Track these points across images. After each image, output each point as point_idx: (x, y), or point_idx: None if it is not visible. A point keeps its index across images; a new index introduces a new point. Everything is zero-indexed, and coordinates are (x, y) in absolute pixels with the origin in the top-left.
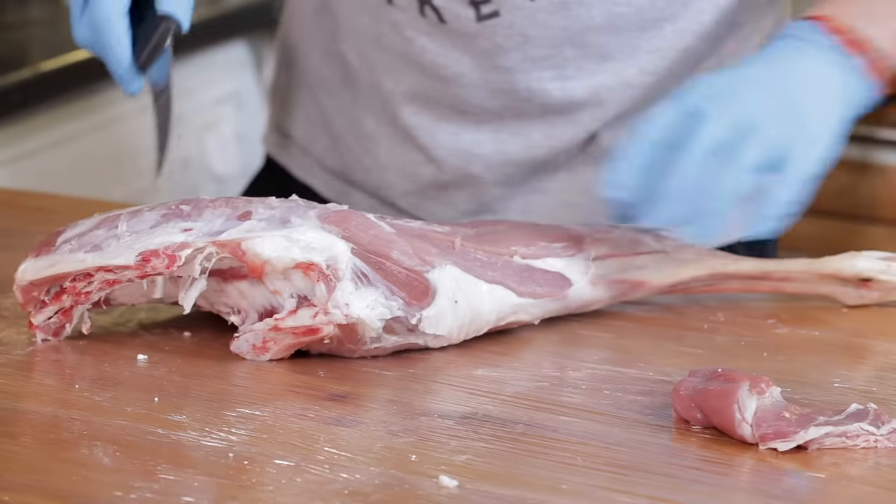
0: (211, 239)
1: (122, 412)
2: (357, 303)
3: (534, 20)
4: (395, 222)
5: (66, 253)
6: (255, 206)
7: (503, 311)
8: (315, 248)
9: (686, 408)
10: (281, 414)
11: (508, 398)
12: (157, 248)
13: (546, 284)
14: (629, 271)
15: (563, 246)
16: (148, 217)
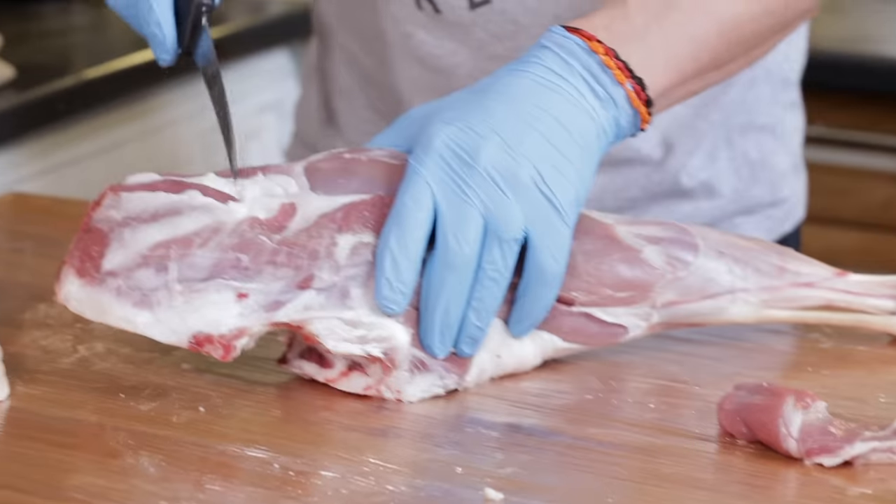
0: (267, 318)
1: (168, 422)
2: (411, 389)
3: (524, 6)
4: None
5: (113, 295)
6: (320, 265)
7: (547, 355)
8: (372, 340)
9: (731, 422)
10: (326, 424)
11: (553, 411)
12: (211, 334)
13: (601, 335)
14: (693, 316)
15: (630, 295)
16: (200, 261)
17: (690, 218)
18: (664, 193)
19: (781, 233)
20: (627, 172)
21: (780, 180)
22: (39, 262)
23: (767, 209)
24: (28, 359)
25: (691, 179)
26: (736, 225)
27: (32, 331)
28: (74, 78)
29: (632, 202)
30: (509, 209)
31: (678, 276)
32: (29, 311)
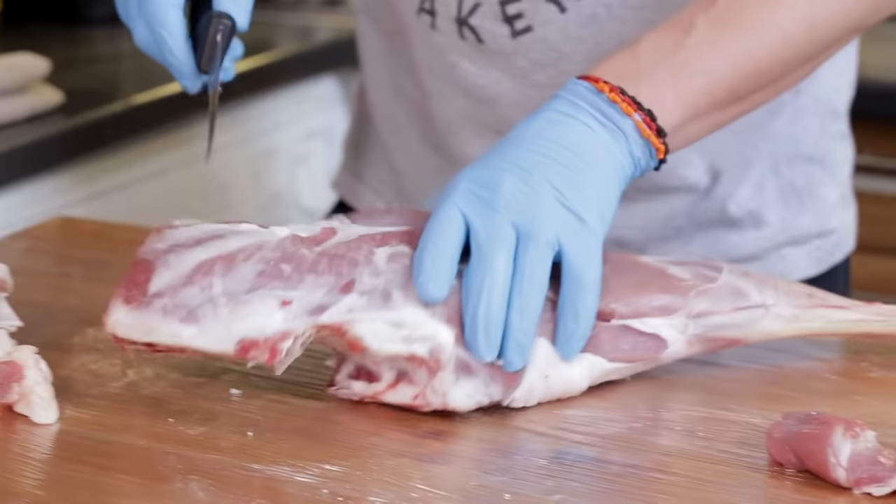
0: (311, 321)
1: (216, 446)
2: (456, 393)
3: (566, 34)
4: None
5: (160, 315)
6: (361, 271)
7: (594, 377)
8: (417, 339)
9: (780, 451)
10: (375, 451)
11: (602, 438)
12: (256, 339)
13: (641, 348)
14: (727, 329)
15: (664, 305)
16: (244, 273)
17: (737, 249)
18: (710, 222)
19: (831, 263)
20: (674, 200)
21: (828, 211)
22: (88, 286)
23: (816, 240)
24: (77, 383)
25: (739, 208)
26: (784, 256)
27: (81, 355)
28: (122, 103)
29: (677, 231)
30: (539, 217)
31: (707, 286)
32: (78, 335)
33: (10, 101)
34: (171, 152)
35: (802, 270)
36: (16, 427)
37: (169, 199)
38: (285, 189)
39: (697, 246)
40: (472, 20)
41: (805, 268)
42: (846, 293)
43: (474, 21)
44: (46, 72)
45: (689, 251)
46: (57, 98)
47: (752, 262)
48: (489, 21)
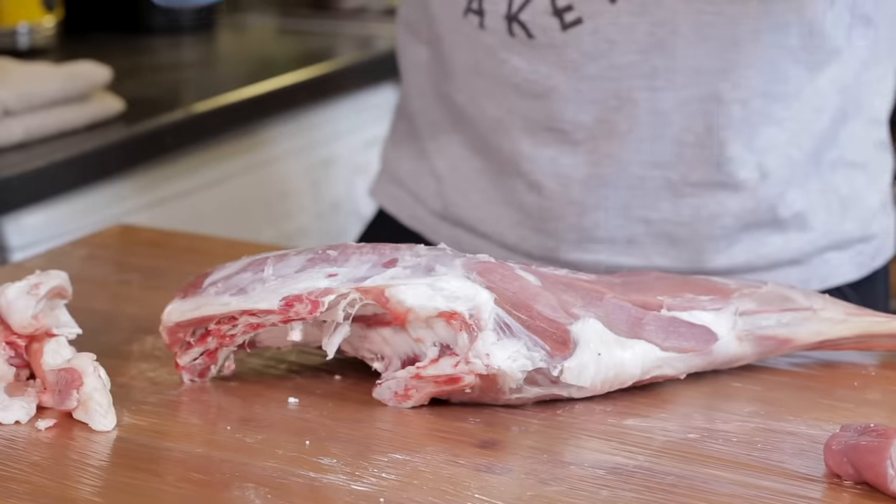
0: (355, 285)
1: (273, 454)
2: (498, 353)
3: (617, 24)
4: (540, 271)
5: (212, 296)
6: (403, 253)
7: (647, 366)
8: (459, 297)
9: (838, 462)
10: (431, 460)
11: (658, 449)
12: (300, 294)
13: (692, 338)
14: (776, 328)
15: (711, 299)
16: (294, 261)
17: (781, 252)
18: (757, 223)
19: (872, 268)
20: (722, 197)
21: (870, 217)
22: (146, 294)
23: (858, 244)
24: (135, 390)
25: (786, 210)
26: (827, 260)
27: (140, 362)
28: (183, 111)
29: (724, 231)
30: None
31: (753, 290)
32: (136, 342)
33: (72, 109)
34: (231, 161)
35: (844, 275)
36: (74, 434)
37: (229, 208)
38: (344, 198)
39: (742, 247)
40: (522, 16)
41: (847, 272)
42: (887, 298)
43: (524, 17)
44: (108, 80)
45: (732, 253)
46: (118, 106)
47: (795, 265)
48: (539, 16)
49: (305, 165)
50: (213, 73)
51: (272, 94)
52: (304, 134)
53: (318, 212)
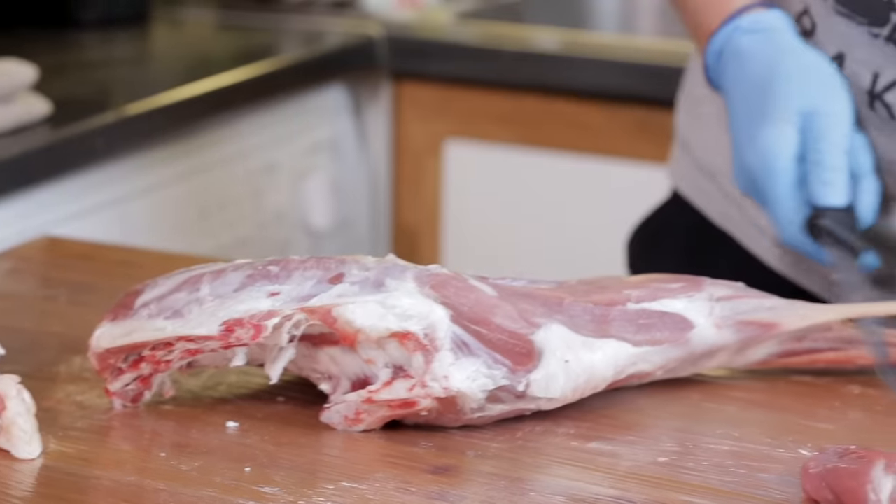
0: (299, 305)
1: (211, 482)
2: (457, 375)
3: None
4: (498, 283)
5: (145, 319)
6: (349, 267)
7: (620, 365)
8: (412, 315)
9: (816, 487)
10: (380, 488)
11: (624, 475)
12: (241, 317)
13: (665, 328)
14: (758, 312)
15: (682, 286)
16: (232, 278)
17: None
18: None
19: None
20: None
21: None
22: (74, 310)
23: None
24: (62, 414)
25: None
26: None
27: (67, 385)
28: (114, 113)
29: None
30: None
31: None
32: (63, 363)
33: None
34: (167, 166)
35: None
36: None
37: (163, 217)
38: (288, 206)
39: None
40: (888, 97)
41: None
42: None
43: (890, 98)
44: (33, 79)
45: None
46: (44, 108)
47: None
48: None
49: (246, 171)
50: (147, 72)
51: (210, 94)
52: (244, 138)
53: (259, 221)
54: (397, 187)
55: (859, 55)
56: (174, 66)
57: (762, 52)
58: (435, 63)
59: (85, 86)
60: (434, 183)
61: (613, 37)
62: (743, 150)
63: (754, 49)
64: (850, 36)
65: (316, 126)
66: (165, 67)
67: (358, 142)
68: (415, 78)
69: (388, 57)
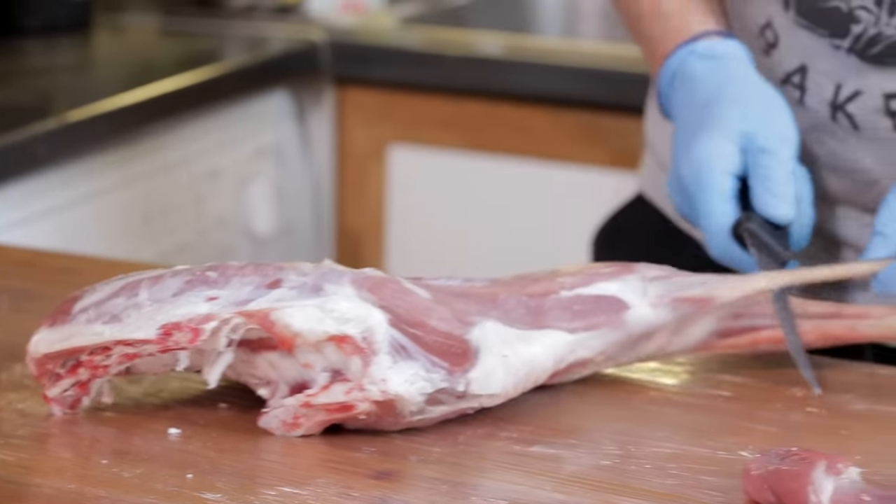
0: (237, 309)
1: (153, 489)
2: (395, 378)
3: None
4: (432, 284)
5: (83, 324)
6: (287, 272)
7: (559, 354)
8: (349, 319)
9: (758, 489)
10: (322, 493)
11: (567, 478)
12: (179, 321)
13: (600, 312)
14: (692, 288)
15: (614, 270)
16: (171, 284)
17: None
18: None
19: None
20: None
21: None
22: (15, 318)
23: None
24: (2, 422)
25: None
26: None
27: (7, 392)
28: (56, 120)
29: None
30: None
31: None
32: (4, 371)
33: None
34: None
35: None
36: None
37: (106, 224)
38: (231, 212)
39: None
40: (850, 107)
41: None
42: None
43: (852, 108)
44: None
45: None
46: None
47: None
48: (870, 111)
49: (189, 177)
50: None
51: (153, 100)
52: (187, 143)
53: (202, 227)
54: (341, 193)
55: (821, 67)
56: (117, 73)
57: (713, 78)
58: (378, 68)
59: (27, 93)
60: (378, 188)
61: (557, 41)
62: (679, 164)
63: (706, 75)
64: (813, 48)
65: (259, 132)
66: (108, 74)
67: (301, 147)
68: (358, 83)
69: (332, 62)
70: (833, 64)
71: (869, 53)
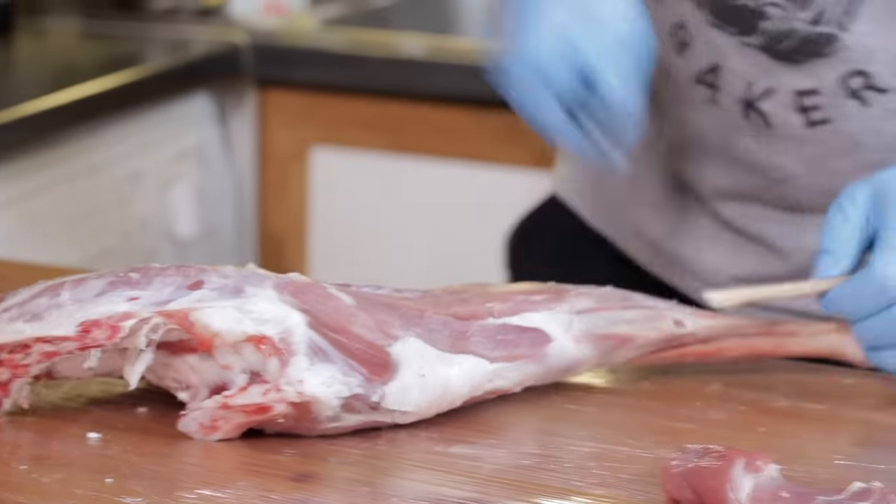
0: (157, 309)
1: (72, 494)
2: (311, 380)
3: (867, 127)
4: (359, 291)
5: (5, 322)
6: (209, 274)
7: (476, 381)
8: (268, 320)
9: (677, 487)
10: (242, 496)
11: (486, 478)
12: (98, 318)
13: (522, 344)
14: (617, 325)
15: (544, 299)
16: (94, 285)
17: None
18: None
19: None
20: None
21: None
22: None
23: None
24: None
25: None
26: None
27: None
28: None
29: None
30: None
31: (591, 289)
32: None
33: None
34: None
35: None
36: None
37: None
38: (153, 215)
39: None
40: (763, 105)
41: None
42: None
43: (764, 107)
44: None
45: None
46: None
47: None
48: (782, 109)
49: (112, 180)
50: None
51: (75, 103)
52: (110, 147)
53: (125, 231)
54: (263, 195)
55: (733, 65)
56: (38, 76)
57: None
58: (300, 70)
59: None
60: (300, 190)
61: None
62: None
63: None
64: (724, 46)
65: (181, 134)
66: (29, 77)
67: (223, 149)
68: (280, 85)
69: (254, 64)
70: (744, 62)
71: (779, 50)
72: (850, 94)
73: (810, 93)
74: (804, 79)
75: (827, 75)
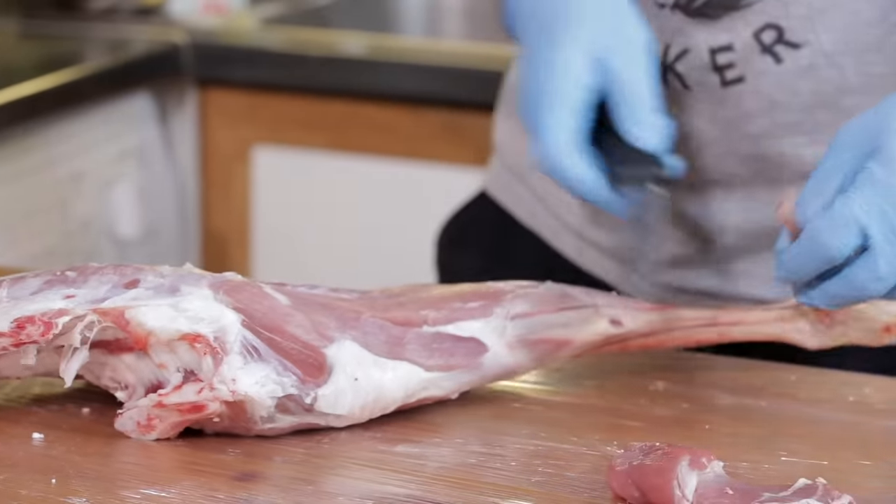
0: (92, 306)
1: (17, 495)
2: (245, 379)
3: (781, 84)
4: (295, 291)
5: None
6: (145, 274)
7: (411, 388)
8: (203, 318)
9: (622, 485)
10: (187, 495)
11: (431, 476)
12: (32, 315)
13: (457, 354)
14: (552, 329)
15: (479, 305)
16: (31, 284)
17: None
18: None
19: None
20: None
21: None
22: None
23: None
24: None
25: None
26: None
27: None
28: None
29: None
30: None
31: (528, 290)
32: None
33: None
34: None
35: None
36: None
37: None
38: (94, 215)
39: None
40: (679, 66)
41: None
42: None
43: (681, 68)
44: None
45: None
46: None
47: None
48: (697, 70)
49: (52, 181)
50: None
51: (14, 103)
52: (50, 146)
53: (66, 231)
54: (205, 195)
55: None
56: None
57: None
58: (241, 69)
59: None
60: (242, 190)
61: (419, 40)
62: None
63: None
64: (642, 10)
65: (122, 134)
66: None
67: (164, 149)
68: (221, 84)
69: (194, 64)
70: (660, 24)
71: (692, 7)
72: (763, 50)
73: (725, 49)
74: (719, 34)
75: (742, 30)
